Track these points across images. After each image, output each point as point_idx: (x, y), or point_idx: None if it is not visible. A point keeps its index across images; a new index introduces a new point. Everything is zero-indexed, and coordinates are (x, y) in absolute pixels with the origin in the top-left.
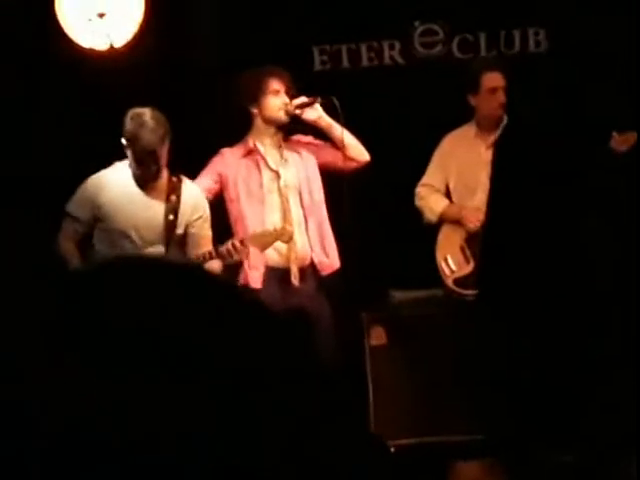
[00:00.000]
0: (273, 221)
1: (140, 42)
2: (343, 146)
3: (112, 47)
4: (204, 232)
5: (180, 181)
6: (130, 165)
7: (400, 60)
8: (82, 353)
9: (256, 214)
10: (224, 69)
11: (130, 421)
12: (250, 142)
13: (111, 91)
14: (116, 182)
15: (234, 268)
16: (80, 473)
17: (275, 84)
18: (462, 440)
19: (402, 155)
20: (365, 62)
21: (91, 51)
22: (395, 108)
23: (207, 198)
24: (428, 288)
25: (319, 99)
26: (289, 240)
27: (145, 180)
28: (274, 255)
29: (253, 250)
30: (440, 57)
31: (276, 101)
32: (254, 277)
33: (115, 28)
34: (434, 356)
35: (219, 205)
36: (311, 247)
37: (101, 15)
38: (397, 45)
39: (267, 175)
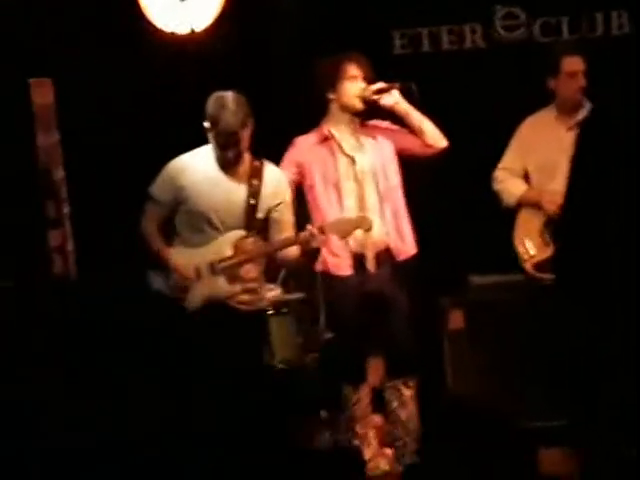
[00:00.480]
0: (349, 206)
1: (220, 26)
2: (420, 132)
3: (193, 31)
4: (286, 217)
5: (262, 165)
6: (212, 148)
7: (481, 44)
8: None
9: (332, 200)
10: (304, 53)
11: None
12: (325, 129)
13: (192, 75)
14: (198, 165)
15: (312, 254)
16: (80, 473)
17: (353, 70)
18: (542, 426)
19: (482, 139)
20: (446, 45)
21: (172, 35)
22: (475, 92)
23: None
24: (507, 273)
25: (397, 85)
26: (369, 229)
27: (227, 163)
28: (350, 241)
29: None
30: (521, 41)
31: (353, 87)
32: (334, 263)
33: (196, 12)
34: (513, 341)
35: (301, 192)
36: (387, 232)
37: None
38: (478, 28)
39: (343, 161)
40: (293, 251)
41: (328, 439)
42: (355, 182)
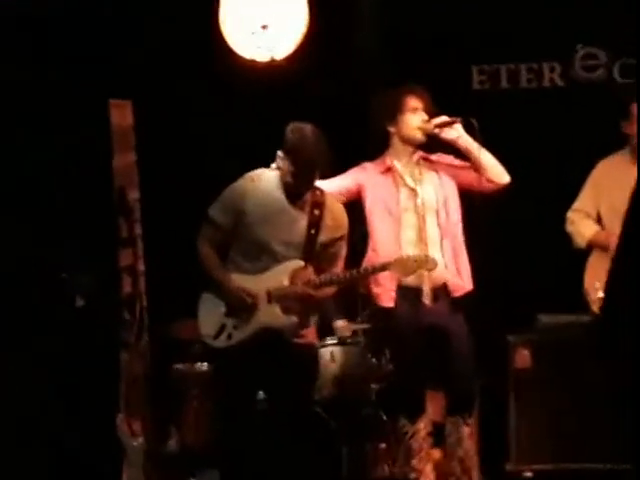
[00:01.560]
0: (408, 239)
1: (301, 55)
2: (482, 167)
3: (273, 59)
4: (342, 252)
5: (323, 195)
6: (281, 176)
7: (560, 82)
8: None
9: (390, 230)
10: (383, 85)
11: None
12: (388, 160)
13: (270, 103)
14: (262, 191)
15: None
16: None
17: (413, 102)
18: (606, 468)
19: (557, 177)
20: (524, 83)
21: (252, 62)
22: (552, 130)
23: (343, 197)
24: (575, 313)
25: (459, 119)
26: (433, 269)
27: (295, 193)
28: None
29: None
30: (600, 81)
31: (414, 119)
32: (381, 295)
33: (277, 41)
34: (579, 381)
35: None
36: (445, 267)
37: (264, 27)
38: (557, 67)
39: (404, 193)
40: (329, 290)
41: (386, 472)
42: (415, 214)
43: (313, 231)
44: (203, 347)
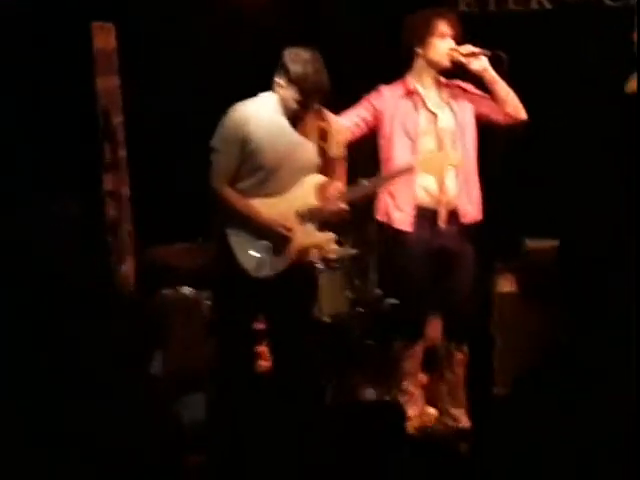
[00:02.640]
0: None
1: None
2: (503, 102)
3: None
4: (344, 154)
5: (322, 112)
6: (285, 102)
7: (547, 5)
8: None
9: (408, 154)
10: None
11: None
12: (410, 82)
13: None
14: (263, 114)
15: (369, 209)
16: None
17: (443, 27)
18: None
19: (546, 103)
20: (512, 5)
21: None
22: (541, 54)
23: (361, 128)
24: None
25: (488, 52)
26: (456, 163)
27: (301, 118)
28: (425, 196)
29: (402, 191)
30: (588, 2)
31: (442, 44)
32: (400, 219)
33: None
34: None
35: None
36: (458, 193)
37: None
38: None
39: (424, 116)
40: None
41: (372, 393)
42: (435, 139)
43: (323, 144)
44: (243, 281)
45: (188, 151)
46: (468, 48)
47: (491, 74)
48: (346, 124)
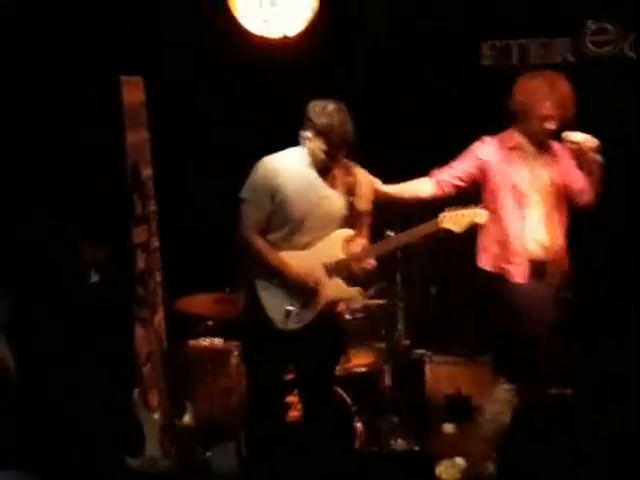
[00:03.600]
0: (532, 217)
1: (314, 32)
2: (595, 186)
3: (285, 37)
4: (370, 220)
5: (349, 165)
6: (313, 154)
7: (570, 58)
8: None
9: (515, 208)
10: (391, 59)
11: None
12: (516, 136)
13: (284, 80)
14: (291, 167)
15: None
16: None
17: (547, 110)
18: None
19: None
20: (534, 59)
21: (262, 39)
22: None
23: (463, 182)
24: None
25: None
26: (482, 221)
27: (326, 168)
28: (537, 249)
29: (514, 242)
30: (611, 56)
31: (545, 125)
32: (514, 271)
33: (285, 16)
34: None
35: None
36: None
37: (272, 3)
38: (568, 43)
39: (531, 172)
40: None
41: (402, 443)
42: (540, 194)
43: (351, 197)
44: (271, 332)
45: (216, 203)
46: (575, 136)
47: (599, 158)
48: (449, 177)
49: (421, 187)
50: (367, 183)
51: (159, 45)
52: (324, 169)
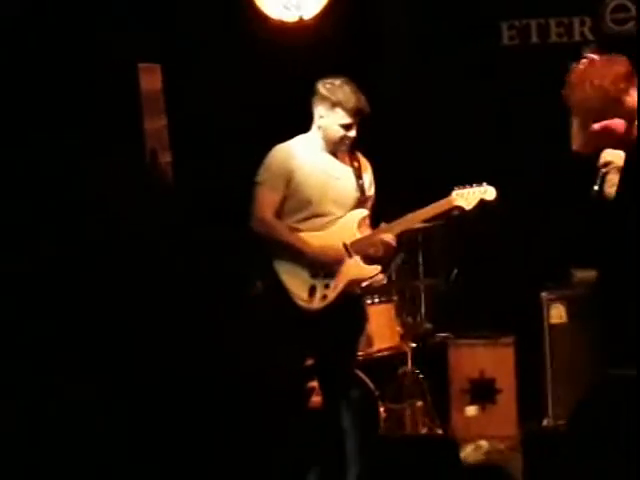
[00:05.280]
0: None
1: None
2: None
3: (301, 19)
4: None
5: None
6: (328, 133)
7: (590, 36)
8: None
9: None
10: (411, 43)
11: None
12: None
13: (298, 64)
14: (304, 150)
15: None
16: None
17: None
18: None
19: None
20: (554, 38)
21: (280, 23)
22: None
23: None
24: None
25: None
26: (492, 198)
27: (342, 146)
28: None
29: None
30: (631, 34)
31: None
32: None
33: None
34: None
35: None
36: None
37: None
38: (587, 21)
39: None
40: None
41: (423, 429)
42: None
43: (361, 181)
44: (297, 312)
45: (235, 189)
46: None
47: None
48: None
49: None
50: (369, 169)
51: (177, 32)
52: (336, 151)
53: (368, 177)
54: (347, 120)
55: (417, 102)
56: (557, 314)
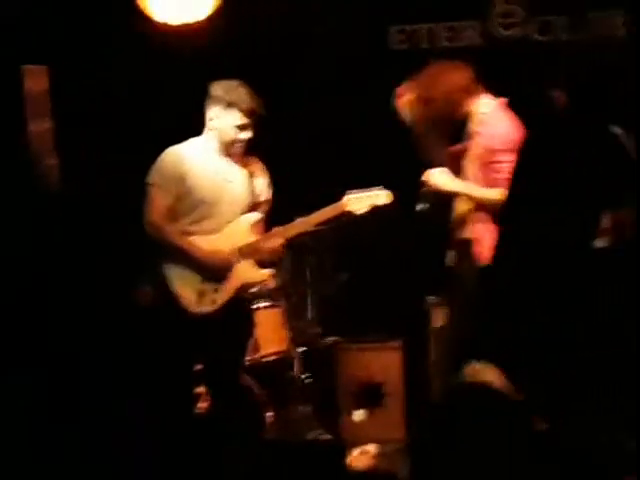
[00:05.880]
0: None
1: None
2: None
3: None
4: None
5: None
6: (221, 134)
7: (478, 41)
8: None
9: None
10: (302, 47)
11: None
12: None
13: (187, 66)
14: (196, 153)
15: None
16: None
17: None
18: None
19: None
20: (443, 42)
21: (165, 25)
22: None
23: None
24: None
25: None
26: (386, 202)
27: (236, 148)
28: None
29: None
30: (519, 39)
31: None
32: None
33: (192, 4)
34: None
35: None
36: None
37: None
38: (476, 26)
39: None
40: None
41: (314, 432)
42: None
43: (255, 185)
44: (181, 318)
45: (123, 192)
46: None
47: None
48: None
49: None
50: (265, 173)
51: (65, 33)
52: (230, 153)
53: (263, 181)
54: (242, 121)
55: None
56: (441, 318)
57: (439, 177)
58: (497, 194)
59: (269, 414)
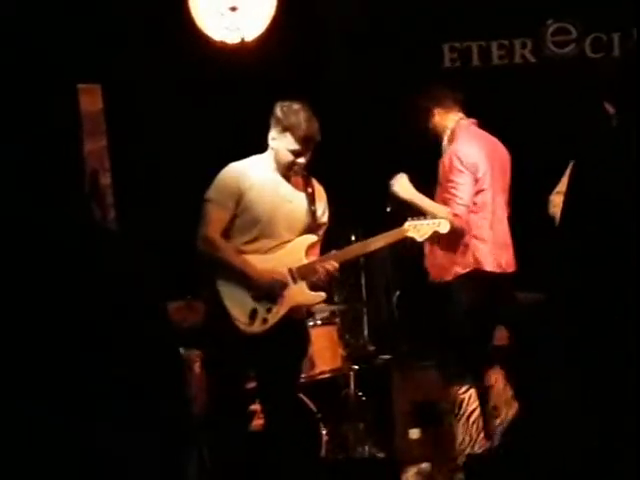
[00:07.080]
0: None
1: (271, 36)
2: None
3: (243, 41)
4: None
5: (307, 174)
6: (274, 157)
7: (531, 58)
8: None
9: None
10: (353, 65)
11: None
12: None
13: (242, 84)
14: (256, 171)
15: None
16: None
17: None
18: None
19: (530, 156)
20: (495, 60)
21: (222, 44)
22: (525, 107)
23: None
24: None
25: None
26: (445, 231)
27: (293, 171)
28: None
29: None
30: (572, 56)
31: None
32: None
33: (247, 22)
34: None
35: None
36: None
37: (233, 9)
38: (528, 43)
39: None
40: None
41: (365, 452)
42: None
43: (313, 207)
44: (235, 337)
45: (176, 210)
46: None
47: None
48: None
49: None
50: (323, 196)
51: (119, 53)
52: (288, 174)
53: (322, 205)
54: (295, 147)
55: (360, 122)
56: (499, 336)
57: (397, 184)
58: (444, 212)
59: (324, 432)
